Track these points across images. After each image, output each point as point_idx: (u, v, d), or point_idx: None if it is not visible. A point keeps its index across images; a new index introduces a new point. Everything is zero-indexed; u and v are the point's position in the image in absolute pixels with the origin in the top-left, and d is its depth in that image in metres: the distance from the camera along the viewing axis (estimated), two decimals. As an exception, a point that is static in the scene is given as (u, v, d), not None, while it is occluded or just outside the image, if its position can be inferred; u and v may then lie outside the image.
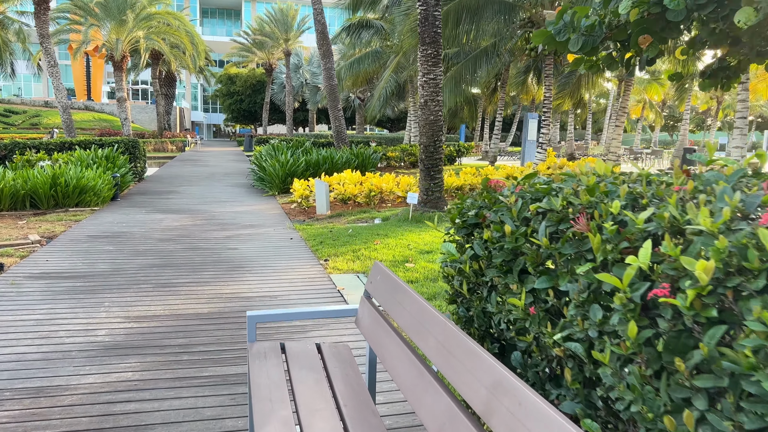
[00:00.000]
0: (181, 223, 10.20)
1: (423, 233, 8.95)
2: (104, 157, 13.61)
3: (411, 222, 9.90)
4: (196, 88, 79.65)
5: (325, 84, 21.14)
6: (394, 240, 8.43)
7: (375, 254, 7.55)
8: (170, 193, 14.58)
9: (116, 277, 6.43)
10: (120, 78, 33.08)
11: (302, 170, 14.65)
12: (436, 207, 10.35)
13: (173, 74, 49.04)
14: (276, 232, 9.60)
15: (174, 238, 8.85)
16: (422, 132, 10.22)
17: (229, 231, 9.56)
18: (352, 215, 11.18)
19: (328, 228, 9.83)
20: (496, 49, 18.46)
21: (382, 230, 9.23)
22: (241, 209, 12.16)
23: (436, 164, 10.28)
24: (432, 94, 9.97)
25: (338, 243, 8.35)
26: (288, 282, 6.39)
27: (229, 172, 21.43)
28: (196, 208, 12.22)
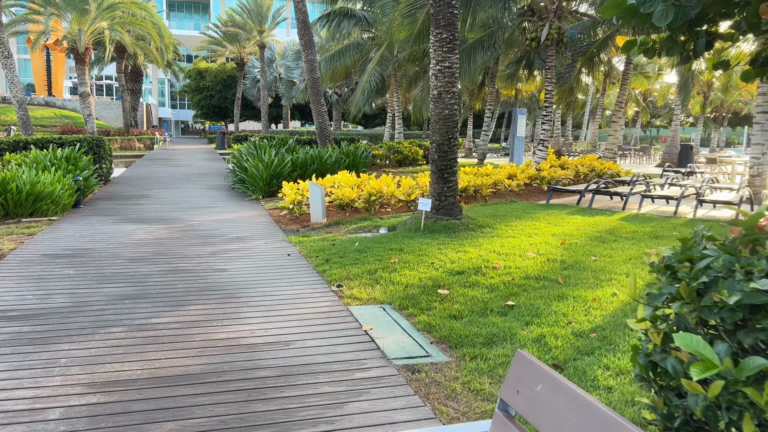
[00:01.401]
0: (155, 236, 8.75)
1: (444, 247, 7.68)
2: (64, 158, 12.00)
3: (424, 232, 8.63)
4: (164, 84, 77.05)
5: (307, 77, 19.72)
6: (412, 256, 7.14)
7: (397, 276, 6.26)
8: (141, 198, 13.03)
9: (77, 316, 5.01)
10: (83, 72, 31.04)
11: (288, 171, 13.25)
12: (450, 214, 9.10)
13: (139, 68, 46.88)
14: (269, 246, 8.22)
15: (148, 256, 7.41)
16: (434, 128, 8.95)
17: (213, 245, 8.15)
18: (352, 223, 9.86)
19: (328, 240, 8.49)
20: (492, 39, 17.30)
21: (394, 243, 7.93)
22: (224, 217, 10.72)
23: (451, 165, 9.03)
24: (447, 85, 8.70)
25: (347, 261, 7.03)
26: (298, 318, 5.06)
27: (204, 173, 19.86)
28: (171, 215, 10.75)
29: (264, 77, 38.33)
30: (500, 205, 12.02)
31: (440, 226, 8.79)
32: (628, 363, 4.08)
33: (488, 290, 5.77)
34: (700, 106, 34.74)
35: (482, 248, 7.60)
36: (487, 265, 6.68)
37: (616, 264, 6.88)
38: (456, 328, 4.72)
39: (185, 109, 78.02)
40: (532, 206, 11.91)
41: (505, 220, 9.84)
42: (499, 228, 9.03)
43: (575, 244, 7.94)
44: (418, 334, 4.71)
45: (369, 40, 27.11)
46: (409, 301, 5.45)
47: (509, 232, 8.71)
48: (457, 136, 9.08)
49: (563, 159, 17.18)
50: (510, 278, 6.16)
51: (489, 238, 8.32)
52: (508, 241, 8.09)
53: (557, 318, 4.97)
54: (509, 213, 10.71)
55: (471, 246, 7.74)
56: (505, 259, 7.05)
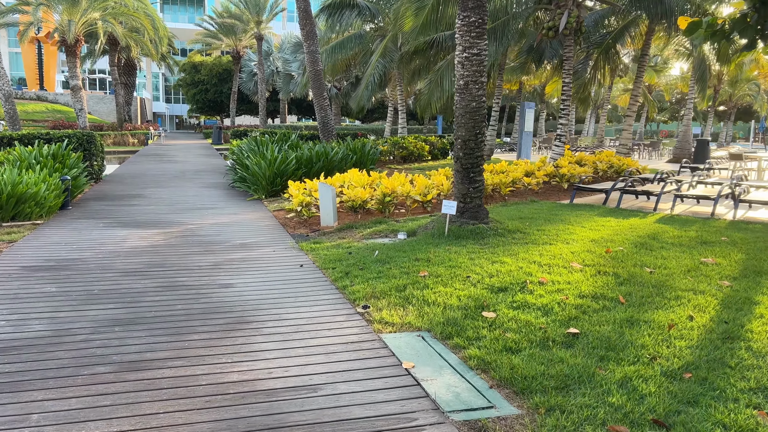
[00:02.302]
0: (150, 243, 7.86)
1: (476, 257, 6.82)
2: (51, 155, 11.09)
3: (449, 239, 7.77)
4: (158, 78, 75.83)
5: (308, 69, 18.81)
6: (443, 269, 6.28)
7: (431, 294, 5.40)
8: (134, 198, 12.12)
9: (56, 350, 4.15)
10: (74, 65, 30.02)
11: (293, 169, 12.36)
12: (476, 218, 8.25)
13: (133, 62, 45.75)
14: (277, 254, 7.35)
15: (142, 268, 6.53)
16: (459, 123, 8.09)
17: (215, 254, 7.28)
18: (366, 227, 9.00)
19: (343, 247, 7.63)
20: (504, 30, 16.42)
21: (419, 252, 7.08)
22: (225, 219, 9.84)
23: (477, 163, 8.17)
24: (475, 74, 7.83)
25: (369, 274, 6.18)
26: (322, 352, 4.20)
27: (201, 169, 18.95)
28: (168, 218, 9.86)
29: (262, 70, 37.34)
30: (522, 206, 11.17)
31: (466, 231, 7.94)
32: (748, 418, 3.24)
33: (542, 313, 4.93)
34: (706, 100, 33.94)
35: (519, 258, 6.76)
36: (532, 280, 5.83)
37: (675, 277, 6.04)
38: (518, 367, 3.87)
39: (180, 104, 76.83)
40: (556, 207, 11.07)
41: (534, 223, 8.99)
42: (532, 233, 8.19)
43: (620, 253, 7.11)
44: (471, 374, 3.86)
45: (371, 31, 26.19)
46: (451, 328, 4.60)
47: (543, 238, 7.86)
48: (485, 131, 8.22)
49: (580, 155, 16.35)
50: (563, 297, 5.32)
51: (523, 245, 7.47)
52: (546, 249, 7.24)
53: (636, 352, 4.12)
54: (535, 215, 9.87)
55: (506, 255, 6.89)
56: (549, 271, 6.20)
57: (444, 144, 23.67)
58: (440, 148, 23.58)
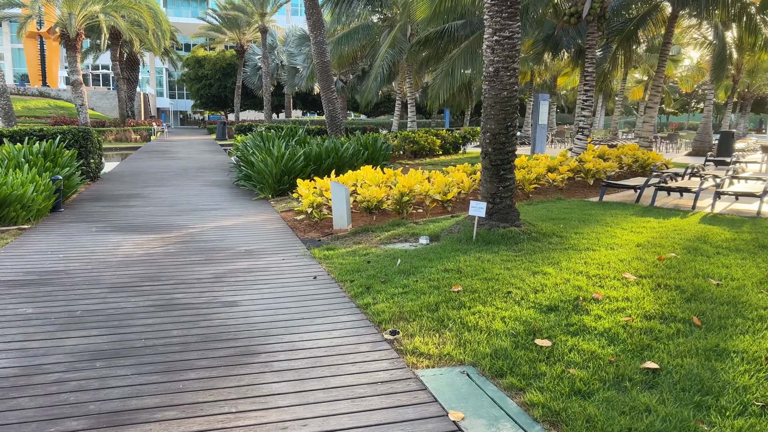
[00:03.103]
0: (146, 251, 7.08)
1: (513, 266, 6.01)
2: (42, 153, 10.32)
3: (478, 244, 6.96)
4: (161, 73, 75.11)
5: (315, 61, 17.98)
6: (478, 282, 5.47)
7: (469, 316, 4.60)
8: (132, 199, 11.35)
9: (20, 397, 3.37)
10: (74, 59, 29.26)
11: (301, 166, 11.56)
12: (506, 220, 7.43)
13: (135, 56, 45.00)
14: (287, 263, 6.56)
15: (135, 282, 5.75)
16: (488, 114, 7.26)
17: (218, 264, 6.49)
18: (383, 230, 8.20)
19: (360, 255, 6.83)
20: (523, 17, 15.51)
21: (446, 260, 6.27)
22: (229, 222, 9.05)
23: (508, 160, 7.34)
24: (506, 60, 6.99)
25: (393, 288, 5.38)
26: (347, 396, 3.41)
27: (204, 166, 18.17)
28: (167, 221, 9.08)
29: (266, 63, 36.50)
30: (549, 204, 10.35)
31: (497, 235, 7.12)
32: None
33: (606, 340, 4.12)
34: (724, 91, 32.93)
35: (562, 267, 5.94)
36: (584, 296, 5.02)
37: (748, 291, 5.22)
38: (596, 420, 3.07)
39: (184, 99, 76.15)
40: (586, 205, 10.24)
41: (569, 225, 8.17)
42: (569, 237, 7.36)
43: (674, 260, 6.28)
44: (538, 428, 3.06)
45: (379, 21, 25.31)
46: (502, 362, 3.80)
47: (584, 243, 7.04)
48: (516, 124, 7.39)
49: (602, 148, 15.49)
50: (626, 318, 4.51)
51: (563, 251, 6.65)
52: (589, 256, 6.43)
53: (740, 396, 3.31)
54: (567, 215, 9.04)
55: (547, 264, 6.08)
56: (601, 284, 5.38)
57: (455, 138, 22.82)
58: (451, 143, 22.73)
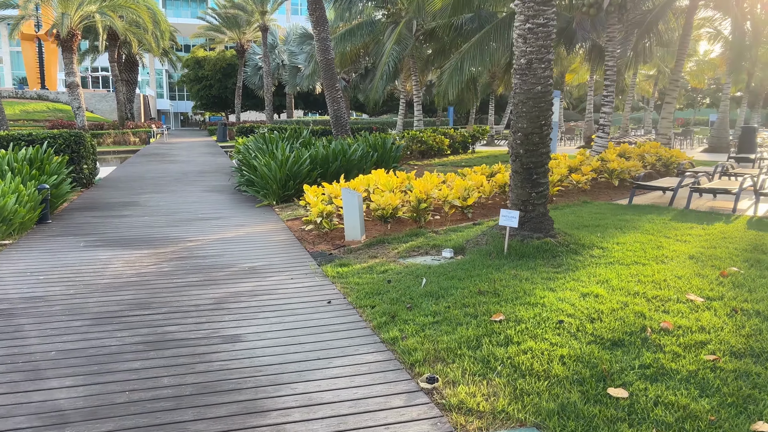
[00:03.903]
0: (138, 270, 6.32)
1: (556, 286, 5.22)
2: (27, 160, 9.56)
3: (511, 258, 6.18)
4: (161, 75, 74.41)
5: (319, 58, 17.20)
6: (522, 308, 4.69)
7: (520, 355, 3.82)
8: (127, 207, 10.59)
9: (-37, 484, 2.60)
10: (70, 61, 28.51)
11: (307, 170, 10.78)
12: (539, 230, 6.65)
13: (134, 58, 44.26)
14: (297, 283, 5.79)
15: (123, 311, 4.98)
16: (519, 112, 6.48)
17: (218, 286, 5.72)
18: (400, 241, 7.42)
19: (377, 272, 6.06)
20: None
21: (478, 278, 5.50)
22: (231, 234, 8.28)
23: (542, 163, 6.57)
24: (540, 50, 6.21)
25: (422, 316, 4.61)
26: (386, 477, 2.64)
27: (205, 170, 17.41)
28: (163, 233, 8.32)
29: (267, 62, 35.72)
30: (576, 208, 9.57)
31: (531, 247, 6.34)
32: None
33: (696, 388, 3.34)
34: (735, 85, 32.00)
35: (614, 287, 5.16)
36: (651, 326, 4.24)
37: (841, 316, 4.44)
38: None
39: (184, 101, 75.45)
40: (616, 209, 9.45)
41: (606, 233, 7.38)
42: (610, 248, 6.58)
43: (738, 276, 5.50)
44: None
45: (383, 17, 24.52)
46: (574, 423, 3.02)
47: (629, 255, 6.25)
48: (551, 122, 6.61)
49: (624, 146, 14.70)
50: (710, 356, 3.73)
51: (608, 266, 5.87)
52: (640, 271, 5.65)
53: None
54: (599, 221, 8.26)
55: (594, 283, 5.30)
56: (665, 308, 4.61)
57: (464, 137, 22.03)
58: (460, 142, 21.95)
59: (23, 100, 48.62)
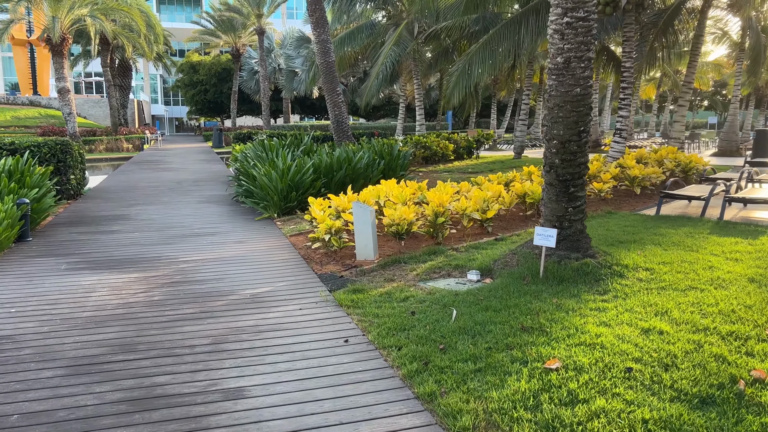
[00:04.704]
0: (124, 299, 5.56)
1: (610, 319, 4.49)
2: (5, 171, 8.79)
3: (550, 283, 5.45)
4: (156, 80, 73.61)
5: (319, 61, 16.49)
6: (580, 351, 3.96)
7: (593, 420, 3.09)
8: (116, 222, 9.82)
9: None
10: (61, 66, 27.74)
11: (311, 180, 10.05)
12: (576, 249, 5.93)
13: (128, 62, 43.47)
14: (306, 314, 5.05)
15: (104, 355, 4.23)
16: (555, 116, 5.75)
17: (216, 319, 4.97)
18: (418, 260, 6.69)
19: (397, 299, 5.33)
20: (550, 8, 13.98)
21: (517, 310, 4.76)
22: (229, 252, 7.53)
23: (579, 174, 5.85)
24: (580, 47, 5.50)
25: (460, 363, 3.87)
26: None
27: (200, 178, 16.64)
28: (154, 252, 7.55)
29: (264, 66, 34.98)
30: (602, 220, 8.85)
31: (570, 270, 5.62)
32: None
33: (832, 472, 2.61)
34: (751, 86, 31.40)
35: (678, 321, 4.43)
36: (741, 375, 3.52)
37: None
38: None
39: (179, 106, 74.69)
40: (646, 221, 8.73)
41: (646, 250, 6.66)
42: (657, 268, 5.86)
43: (815, 304, 4.78)
44: None
45: (384, 19, 23.86)
46: None
47: (679, 278, 5.53)
48: (590, 128, 5.89)
49: (640, 152, 14.00)
50: (831, 421, 3.00)
51: (661, 292, 5.14)
52: (701, 299, 4.92)
53: None
54: (633, 235, 7.53)
55: (653, 315, 4.57)
56: (748, 349, 3.88)
57: (469, 142, 21.33)
58: (465, 147, 21.23)
59: (15, 106, 47.80)
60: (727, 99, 62.36)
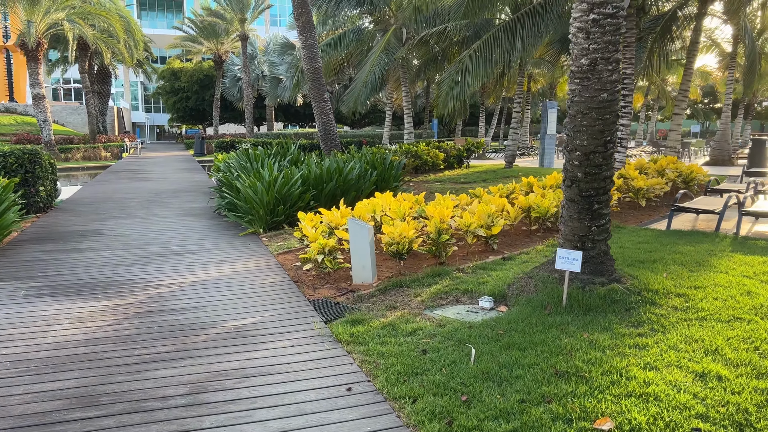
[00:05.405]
0: (89, 334, 4.83)
1: (658, 361, 3.87)
2: (-37, 184, 7.99)
3: (575, 313, 4.83)
4: (136, 87, 72.30)
5: (306, 67, 15.85)
6: (628, 403, 3.33)
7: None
8: (87, 238, 9.04)
9: None
10: (36, 71, 26.88)
11: (299, 193, 9.36)
12: (600, 272, 5.32)
13: (107, 69, 42.39)
14: (300, 356, 4.36)
15: (58, 413, 3.51)
16: (578, 126, 5.15)
17: (196, 360, 4.27)
18: (421, 284, 6.04)
19: (403, 332, 4.66)
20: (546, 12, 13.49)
21: (545, 348, 4.13)
22: (212, 274, 6.81)
23: (605, 189, 5.25)
24: (607, 48, 4.90)
25: (491, 420, 3.22)
26: None
27: (180, 189, 15.85)
28: (127, 274, 6.81)
29: (247, 73, 34.23)
30: (612, 236, 8.26)
31: (596, 297, 5.00)
32: None
33: None
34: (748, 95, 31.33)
35: (730, 359, 3.83)
36: (836, 440, 2.91)
37: None
38: None
39: (160, 113, 73.40)
40: (661, 237, 8.17)
41: (670, 271, 6.07)
42: (689, 294, 5.26)
43: None
44: None
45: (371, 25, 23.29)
46: None
47: (720, 306, 4.94)
48: (616, 139, 5.29)
49: (639, 161, 13.52)
50: None
51: (703, 323, 4.54)
52: (748, 331, 4.33)
53: None
54: (651, 254, 6.95)
55: (701, 353, 3.96)
56: (831, 403, 3.28)
57: (459, 151, 20.77)
58: (455, 156, 20.67)
59: (-10, 112, 46.48)
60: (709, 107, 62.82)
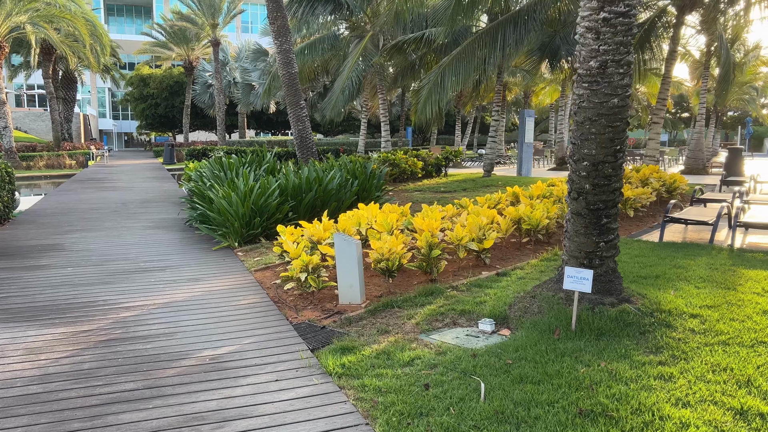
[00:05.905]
0: (43, 368, 4.24)
1: (690, 396, 3.47)
2: None
3: (586, 337, 4.41)
4: (104, 93, 70.62)
5: (282, 72, 15.33)
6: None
7: None
8: (46, 254, 8.36)
9: None
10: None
11: (276, 204, 8.82)
12: (609, 291, 4.93)
13: (72, 74, 41.12)
14: (284, 392, 3.85)
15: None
16: (586, 133, 4.76)
17: (166, 401, 3.72)
18: (414, 304, 5.58)
19: (400, 363, 4.19)
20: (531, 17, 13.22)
21: (561, 380, 3.70)
22: (183, 295, 6.24)
23: (614, 201, 4.87)
24: (619, 49, 4.53)
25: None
26: None
27: (149, 198, 15.13)
28: (89, 295, 6.20)
29: (219, 79, 33.47)
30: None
31: (607, 319, 4.60)
32: None
33: None
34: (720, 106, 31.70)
35: (761, 391, 3.45)
36: None
37: None
38: None
39: (129, 120, 71.81)
40: (656, 250, 7.86)
41: (675, 287, 5.72)
42: (703, 314, 4.90)
43: None
44: None
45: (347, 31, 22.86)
46: None
47: (738, 328, 4.59)
48: (626, 148, 4.92)
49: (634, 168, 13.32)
50: None
51: (726, 348, 4.17)
52: None
53: None
54: (650, 269, 6.61)
55: (733, 384, 3.58)
56: None
57: (438, 160, 20.43)
58: (433, 165, 20.32)
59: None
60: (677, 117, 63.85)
